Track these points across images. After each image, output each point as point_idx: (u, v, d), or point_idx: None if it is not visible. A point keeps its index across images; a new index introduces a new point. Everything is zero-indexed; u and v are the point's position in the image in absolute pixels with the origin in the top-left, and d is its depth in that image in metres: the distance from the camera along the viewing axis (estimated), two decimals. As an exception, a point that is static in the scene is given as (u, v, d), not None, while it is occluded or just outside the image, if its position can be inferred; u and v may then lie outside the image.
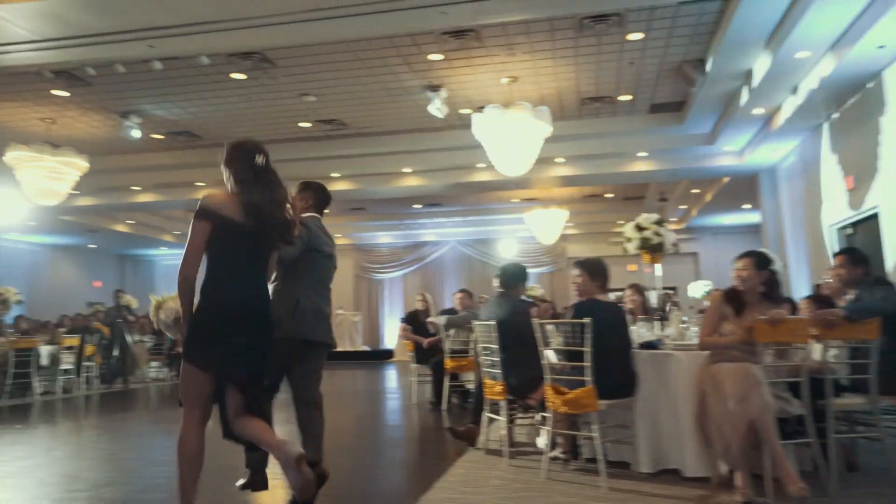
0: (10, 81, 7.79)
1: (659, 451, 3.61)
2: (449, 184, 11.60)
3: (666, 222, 5.68)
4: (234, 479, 3.38)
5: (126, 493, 3.64)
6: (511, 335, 4.07)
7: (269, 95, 8.57)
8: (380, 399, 8.11)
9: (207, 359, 2.64)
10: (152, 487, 3.75)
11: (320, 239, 3.47)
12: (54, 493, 3.66)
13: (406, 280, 19.03)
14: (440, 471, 3.87)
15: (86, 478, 4.03)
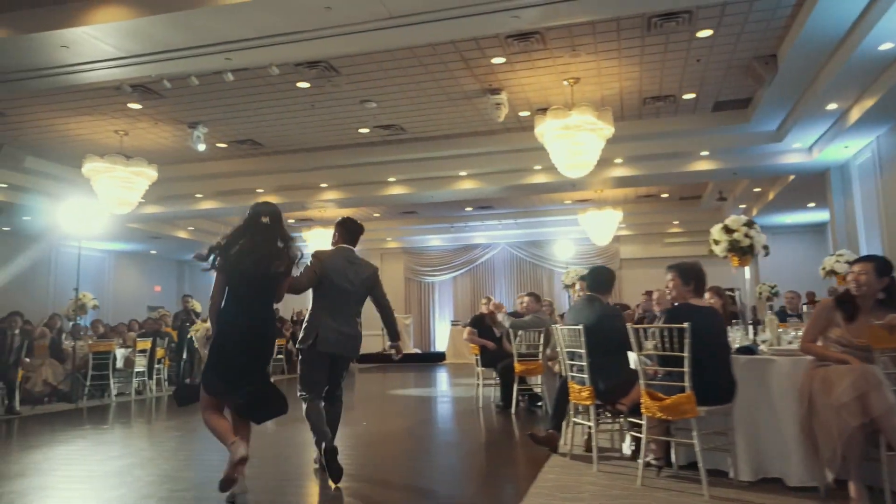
0: (90, 96, 8.14)
1: (759, 459, 3.53)
2: (504, 186, 11.59)
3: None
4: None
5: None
6: (600, 339, 4.03)
7: (330, 103, 8.72)
8: (444, 402, 8.11)
9: (212, 385, 3.59)
10: (250, 487, 3.86)
11: (335, 271, 4.16)
12: (159, 493, 3.80)
13: (456, 283, 19.08)
14: (529, 476, 3.87)
15: (184, 478, 4.18)
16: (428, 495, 3.63)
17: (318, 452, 4.00)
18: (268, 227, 3.73)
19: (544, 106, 8.99)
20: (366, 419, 6.78)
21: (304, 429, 4.39)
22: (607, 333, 3.98)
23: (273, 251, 3.68)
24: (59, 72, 6.21)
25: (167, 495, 3.74)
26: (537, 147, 10.34)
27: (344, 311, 4.13)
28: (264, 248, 3.65)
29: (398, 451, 5.18)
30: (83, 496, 3.83)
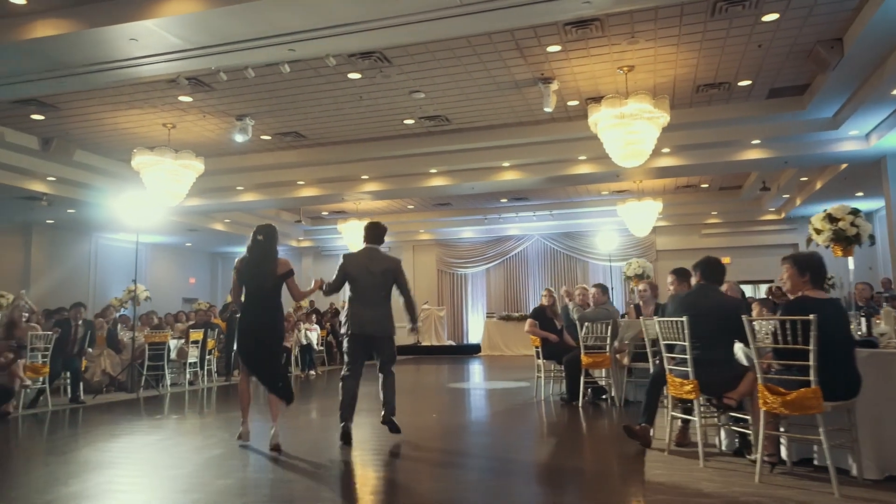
0: (143, 90, 8.20)
1: (885, 457, 3.42)
2: (547, 177, 11.50)
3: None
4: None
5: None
6: (714, 330, 3.91)
7: (378, 94, 8.69)
8: (503, 394, 7.89)
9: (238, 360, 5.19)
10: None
11: (357, 268, 5.12)
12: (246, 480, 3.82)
13: (489, 274, 19.02)
14: (634, 472, 3.80)
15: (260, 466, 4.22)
16: (547, 493, 3.55)
17: (341, 428, 4.86)
18: (261, 243, 5.02)
19: (594, 95, 8.89)
20: (433, 411, 6.76)
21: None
22: (725, 323, 3.84)
23: (264, 261, 4.95)
24: (124, 65, 6.24)
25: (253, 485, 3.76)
26: (583, 137, 10.29)
27: (369, 298, 5.01)
28: (259, 259, 4.96)
29: (485, 444, 5.15)
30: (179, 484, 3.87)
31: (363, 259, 5.13)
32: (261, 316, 4.83)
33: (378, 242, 5.27)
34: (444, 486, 3.72)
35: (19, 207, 12.39)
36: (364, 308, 4.96)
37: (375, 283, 5.00)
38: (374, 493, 3.68)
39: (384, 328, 5.00)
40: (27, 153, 10.17)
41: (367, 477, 4.02)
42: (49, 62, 6.10)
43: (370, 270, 5.04)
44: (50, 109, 8.85)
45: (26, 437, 5.59)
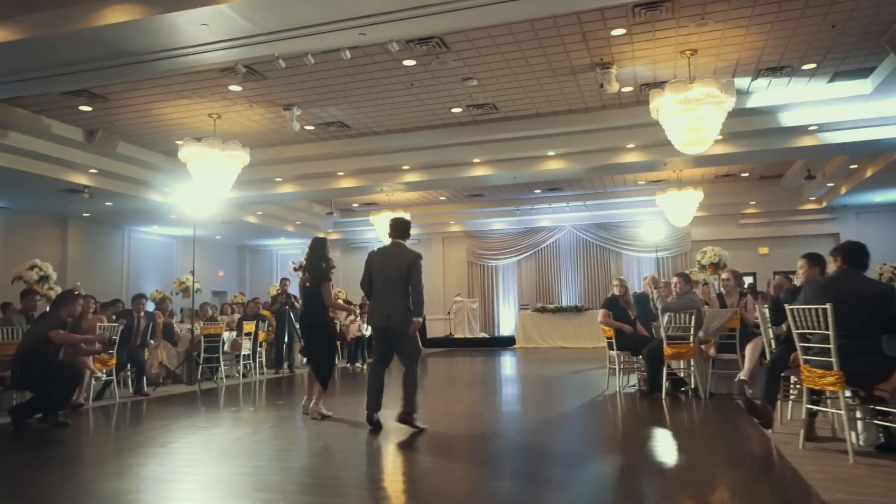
0: (195, 79, 8.09)
1: None
2: (592, 167, 11.30)
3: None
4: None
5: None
6: (860, 317, 3.71)
7: (430, 81, 8.54)
8: (575, 387, 7.62)
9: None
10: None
11: (376, 263, 5.32)
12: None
13: (520, 266, 18.84)
14: (783, 468, 3.62)
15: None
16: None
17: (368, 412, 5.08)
18: (310, 250, 6.05)
19: (649, 81, 8.69)
20: (512, 404, 6.59)
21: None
22: (875, 311, 3.65)
23: (311, 269, 5.94)
24: (189, 52, 6.11)
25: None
26: (633, 125, 10.13)
27: (384, 292, 5.16)
28: (309, 266, 5.97)
29: (589, 443, 4.76)
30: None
31: (385, 254, 5.31)
32: (311, 316, 5.97)
33: (402, 237, 5.39)
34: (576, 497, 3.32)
35: (59, 200, 12.37)
36: (378, 302, 5.15)
37: (391, 278, 5.12)
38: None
39: (398, 322, 5.02)
40: (71, 145, 10.11)
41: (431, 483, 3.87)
42: (113, 50, 5.99)
43: (388, 265, 5.19)
44: (99, 100, 8.77)
45: (101, 428, 5.52)
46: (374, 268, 5.25)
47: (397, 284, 5.11)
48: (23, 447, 4.84)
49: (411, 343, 5.06)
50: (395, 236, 5.38)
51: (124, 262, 16.68)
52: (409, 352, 5.08)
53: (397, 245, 5.35)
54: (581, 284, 18.17)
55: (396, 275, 5.12)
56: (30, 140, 9.60)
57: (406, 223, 5.47)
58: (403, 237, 5.40)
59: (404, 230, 5.42)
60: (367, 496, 3.37)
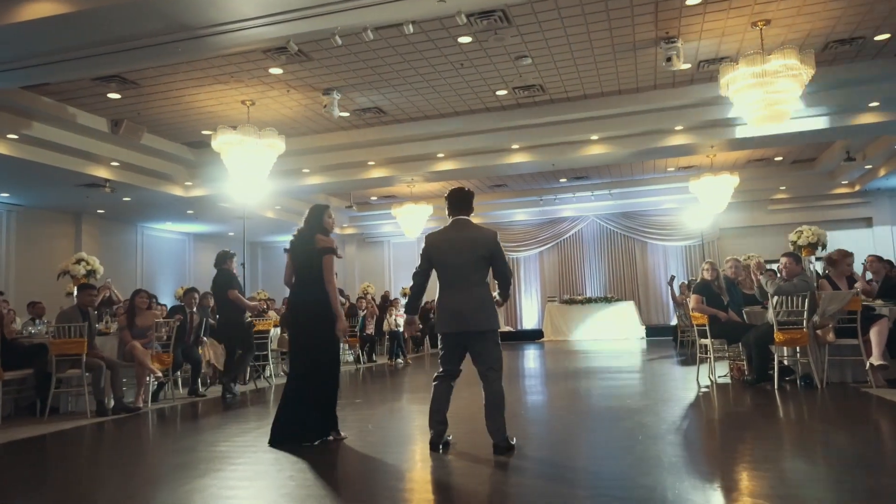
0: (237, 61, 7.63)
1: None
2: (636, 150, 10.88)
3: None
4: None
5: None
6: None
7: (482, 61, 8.11)
8: (653, 381, 7.00)
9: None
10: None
11: (440, 247, 4.01)
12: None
13: (542, 257, 18.45)
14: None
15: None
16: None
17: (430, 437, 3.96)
18: (305, 221, 4.53)
19: (711, 57, 8.29)
20: (612, 404, 6.05)
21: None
22: None
23: (303, 240, 4.44)
24: (244, 26, 5.66)
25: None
26: (683, 105, 9.75)
27: (457, 284, 3.92)
28: (302, 237, 4.46)
29: (739, 442, 4.01)
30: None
31: (449, 234, 4.01)
32: (305, 296, 4.39)
33: (467, 211, 4.07)
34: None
35: (75, 195, 11.85)
36: (451, 296, 3.90)
37: (464, 265, 3.89)
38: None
39: (478, 320, 3.82)
40: (95, 136, 9.64)
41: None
42: (168, 24, 5.53)
43: (458, 248, 3.92)
44: (130, 87, 8.29)
45: (169, 431, 5.06)
46: (437, 255, 3.96)
47: (476, 272, 3.90)
48: (74, 455, 4.38)
49: (495, 349, 3.87)
50: (457, 211, 4.05)
51: (138, 259, 16.18)
52: (495, 360, 3.85)
53: (463, 222, 4.03)
54: (605, 275, 17.80)
55: (472, 261, 3.89)
56: (53, 131, 9.11)
57: (468, 194, 4.10)
58: (467, 211, 4.07)
59: (467, 202, 4.08)
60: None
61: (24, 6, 5.26)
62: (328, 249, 4.31)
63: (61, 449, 4.62)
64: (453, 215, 4.09)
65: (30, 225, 12.99)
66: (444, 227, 4.11)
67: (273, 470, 3.65)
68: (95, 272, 7.06)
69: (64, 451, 4.57)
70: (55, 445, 4.71)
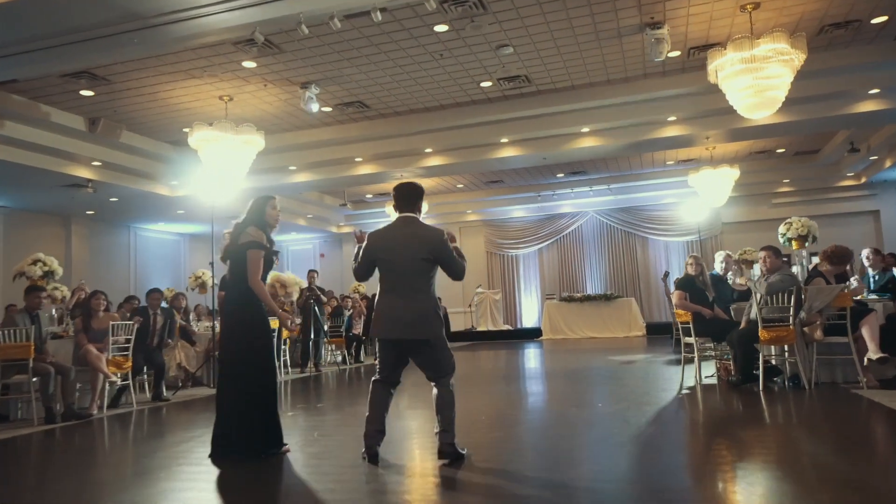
0: (205, 55, 7.42)
1: None
2: (628, 143, 10.57)
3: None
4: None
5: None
6: None
7: (461, 50, 7.82)
8: (636, 381, 6.62)
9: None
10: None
11: (384, 247, 3.72)
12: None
13: (541, 255, 18.13)
14: None
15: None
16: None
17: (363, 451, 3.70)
18: (246, 213, 4.19)
19: (700, 44, 7.97)
20: (587, 406, 5.89)
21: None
22: None
23: (235, 235, 4.12)
24: (199, 13, 5.41)
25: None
26: (676, 95, 9.42)
27: (398, 290, 3.64)
28: (235, 231, 4.14)
29: (716, 448, 3.79)
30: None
31: (393, 233, 3.70)
32: (228, 300, 4.20)
33: (413, 208, 3.75)
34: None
35: (61, 196, 11.69)
36: (391, 302, 3.62)
37: (407, 268, 3.60)
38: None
39: (422, 329, 3.56)
40: (73, 135, 9.44)
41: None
42: (117, 13, 5.29)
43: (400, 249, 3.62)
44: (101, 83, 8.09)
45: (119, 440, 4.84)
46: (380, 255, 3.66)
47: (418, 277, 3.58)
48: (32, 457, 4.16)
49: (443, 355, 3.62)
50: (405, 208, 3.74)
51: (131, 260, 16.04)
52: (444, 366, 3.62)
53: (410, 220, 3.71)
54: (606, 272, 17.46)
55: (415, 263, 3.58)
56: (27, 130, 8.92)
57: (417, 189, 3.81)
58: (414, 208, 3.75)
59: (415, 197, 3.77)
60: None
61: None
62: (252, 243, 3.98)
63: (1, 458, 4.40)
64: (400, 211, 3.77)
65: (18, 227, 12.85)
66: (390, 223, 3.80)
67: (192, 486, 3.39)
68: (53, 273, 6.85)
69: (4, 460, 4.35)
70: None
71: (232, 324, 3.98)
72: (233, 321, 3.97)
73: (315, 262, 19.97)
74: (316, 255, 20.12)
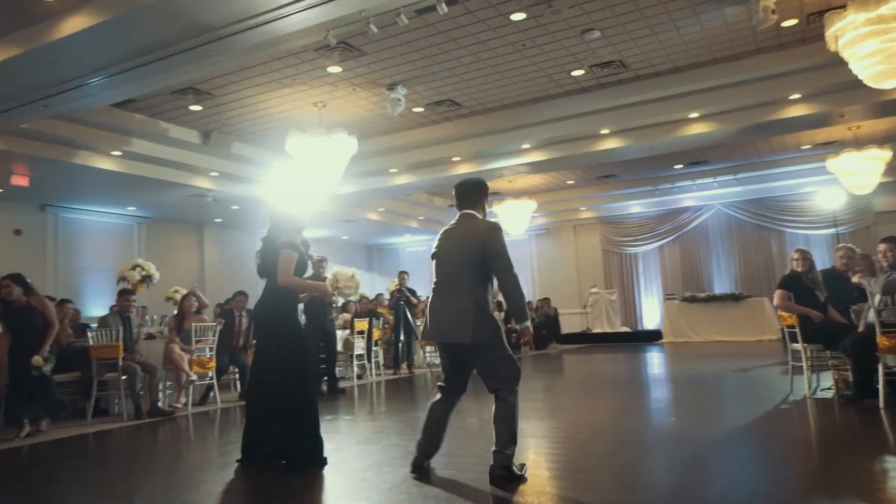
0: (290, 63, 7.65)
1: None
2: (745, 126, 9.55)
3: None
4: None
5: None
6: None
7: (544, 38, 7.44)
8: (742, 392, 6.02)
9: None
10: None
11: (439, 244, 3.62)
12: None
13: (662, 252, 17.02)
14: None
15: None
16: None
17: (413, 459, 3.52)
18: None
19: (820, 8, 6.97)
20: (666, 414, 5.39)
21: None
22: None
23: (266, 241, 4.21)
24: (268, 18, 5.53)
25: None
26: (797, 70, 8.38)
27: (445, 288, 3.45)
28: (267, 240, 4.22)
29: (795, 473, 3.33)
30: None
31: (450, 232, 3.57)
32: (264, 303, 4.15)
33: (472, 205, 3.55)
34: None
35: (190, 206, 12.69)
36: (434, 302, 3.47)
37: (455, 265, 3.40)
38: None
39: (462, 331, 3.28)
40: (190, 148, 10.18)
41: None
42: (188, 25, 5.56)
43: (450, 246, 3.48)
44: (206, 97, 8.62)
45: (194, 436, 5.09)
46: (436, 258, 3.55)
47: (464, 273, 3.36)
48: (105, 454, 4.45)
49: (496, 360, 3.33)
50: (464, 205, 3.56)
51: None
52: (498, 373, 3.34)
53: (466, 218, 3.53)
54: (736, 269, 16.01)
55: (462, 260, 3.38)
56: (151, 146, 9.73)
57: (476, 185, 3.61)
58: (474, 205, 3.55)
59: (474, 194, 3.56)
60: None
61: (60, 24, 5.53)
62: (289, 243, 3.99)
63: (82, 451, 4.76)
64: (460, 209, 3.62)
65: (158, 236, 14.14)
66: (451, 223, 3.65)
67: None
68: (151, 277, 7.37)
69: (94, 451, 4.70)
70: (75, 448, 4.87)
71: (266, 336, 3.97)
72: (267, 333, 3.96)
73: (430, 263, 20.23)
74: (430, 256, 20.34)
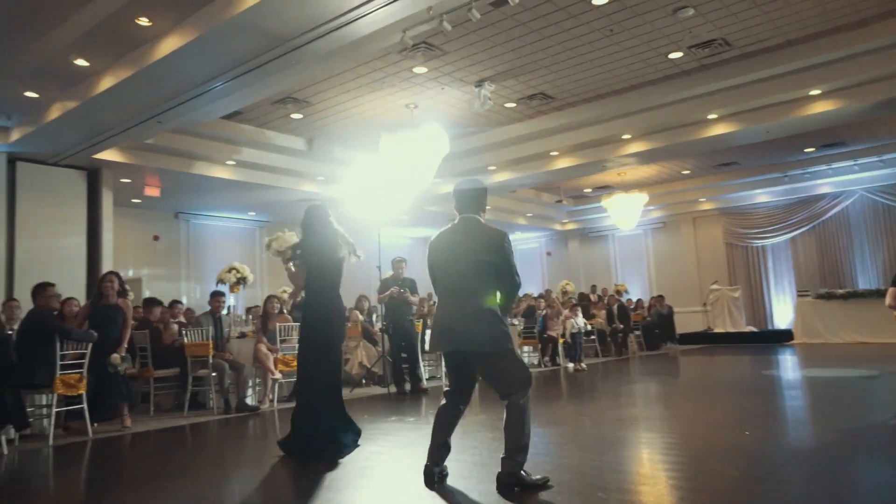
0: (377, 66, 7.82)
1: None
2: (882, 100, 8.45)
3: None
4: None
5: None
6: None
7: (633, 21, 7.04)
8: (858, 402, 5.51)
9: None
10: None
11: (439, 250, 3.51)
12: None
13: (795, 244, 15.52)
14: None
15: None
16: None
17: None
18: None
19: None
20: (789, 424, 4.92)
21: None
22: None
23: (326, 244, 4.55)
24: (341, 21, 5.64)
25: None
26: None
27: (452, 295, 3.34)
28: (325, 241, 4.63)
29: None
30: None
31: (449, 236, 3.46)
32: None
33: (473, 209, 3.45)
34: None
35: (303, 210, 13.33)
36: (443, 309, 3.36)
37: (463, 268, 3.29)
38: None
39: (474, 340, 3.21)
40: (297, 155, 10.74)
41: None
42: (268, 38, 5.84)
43: (457, 252, 3.35)
44: (304, 105, 9.04)
45: (271, 432, 5.35)
46: (434, 260, 3.45)
47: (474, 280, 3.27)
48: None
49: (507, 367, 3.26)
50: (464, 209, 3.46)
51: (374, 265, 17.66)
52: (511, 380, 3.25)
53: (468, 222, 3.43)
54: (883, 262, 14.25)
55: (472, 265, 3.29)
56: (261, 154, 10.39)
57: (476, 188, 3.49)
58: (475, 209, 3.46)
59: (474, 197, 3.47)
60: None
61: (158, 45, 6.02)
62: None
63: (170, 442, 5.16)
64: (460, 213, 3.50)
65: (277, 239, 15.07)
66: (450, 226, 3.53)
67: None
68: (245, 279, 7.82)
69: (171, 443, 5.09)
70: (165, 438, 5.28)
71: (314, 335, 4.26)
72: (315, 333, 4.26)
73: (542, 261, 19.92)
74: (542, 253, 20.03)
